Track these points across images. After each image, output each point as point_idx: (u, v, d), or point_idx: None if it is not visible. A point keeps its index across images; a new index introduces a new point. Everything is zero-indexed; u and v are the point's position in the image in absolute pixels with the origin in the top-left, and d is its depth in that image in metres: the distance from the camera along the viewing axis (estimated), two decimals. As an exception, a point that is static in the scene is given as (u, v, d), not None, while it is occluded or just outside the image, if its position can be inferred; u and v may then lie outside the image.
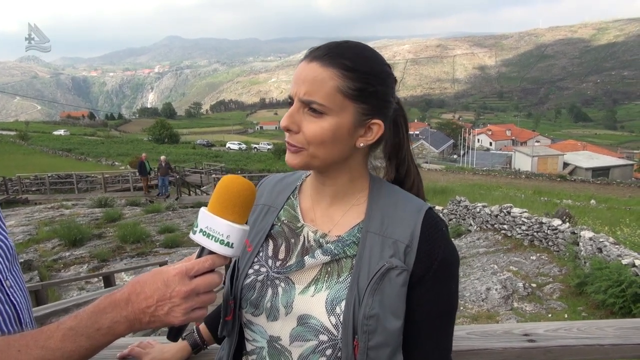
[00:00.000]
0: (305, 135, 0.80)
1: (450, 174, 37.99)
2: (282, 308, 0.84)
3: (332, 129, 0.79)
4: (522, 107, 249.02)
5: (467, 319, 6.04)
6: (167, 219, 12.98)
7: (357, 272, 0.80)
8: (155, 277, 0.71)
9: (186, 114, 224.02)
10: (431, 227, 0.82)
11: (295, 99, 0.81)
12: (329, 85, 0.78)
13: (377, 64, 0.83)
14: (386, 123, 0.85)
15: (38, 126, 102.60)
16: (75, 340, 0.67)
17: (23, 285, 0.90)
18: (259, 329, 0.88)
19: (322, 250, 0.84)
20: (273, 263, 0.89)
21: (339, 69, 0.79)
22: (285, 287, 0.85)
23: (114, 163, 35.73)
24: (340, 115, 0.79)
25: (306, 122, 0.80)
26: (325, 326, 0.80)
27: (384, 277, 0.78)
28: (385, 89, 0.83)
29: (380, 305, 0.77)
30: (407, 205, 0.85)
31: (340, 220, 0.87)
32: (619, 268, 5.92)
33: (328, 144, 0.80)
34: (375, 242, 0.82)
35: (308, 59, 0.81)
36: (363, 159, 0.88)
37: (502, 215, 10.39)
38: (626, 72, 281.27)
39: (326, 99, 0.78)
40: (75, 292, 7.38)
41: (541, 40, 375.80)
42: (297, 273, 0.85)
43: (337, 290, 0.81)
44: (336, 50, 0.81)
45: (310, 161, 0.83)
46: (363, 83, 0.79)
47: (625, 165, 48.92)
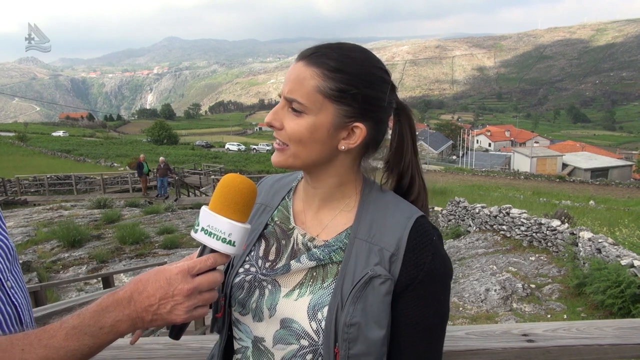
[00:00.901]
0: (287, 132, 0.80)
1: (449, 175, 38.00)
2: (266, 310, 0.84)
3: (310, 128, 0.79)
4: (521, 108, 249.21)
5: (466, 320, 6.04)
6: (166, 220, 12.96)
7: (342, 278, 0.79)
8: (157, 276, 0.71)
9: (185, 115, 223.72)
10: (420, 236, 0.80)
11: (282, 97, 0.82)
12: (309, 85, 0.78)
13: (365, 66, 0.80)
14: (374, 128, 0.83)
15: (37, 127, 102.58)
16: (78, 338, 0.67)
17: (24, 285, 0.90)
18: (245, 328, 0.88)
19: (308, 255, 0.84)
20: (262, 264, 0.89)
21: (321, 69, 0.78)
22: (271, 289, 0.85)
23: (113, 164, 35.65)
24: (319, 115, 0.79)
25: (288, 119, 0.81)
26: (306, 331, 0.79)
27: (367, 285, 0.76)
28: (372, 92, 0.80)
29: (363, 313, 0.75)
30: (397, 212, 0.83)
31: (329, 225, 0.87)
32: (618, 269, 5.92)
33: (307, 143, 0.80)
34: (362, 248, 0.80)
35: (298, 58, 0.82)
36: (352, 163, 0.86)
37: (501, 216, 10.39)
38: (625, 73, 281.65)
39: (305, 98, 0.78)
40: (74, 293, 7.37)
41: (540, 41, 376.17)
42: (284, 276, 0.85)
43: (320, 296, 0.80)
44: (323, 51, 0.80)
45: (292, 161, 0.82)
46: (345, 84, 0.78)
47: (624, 166, 48.97)
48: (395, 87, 0.85)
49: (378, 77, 0.82)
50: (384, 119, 0.85)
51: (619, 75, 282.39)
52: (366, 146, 0.85)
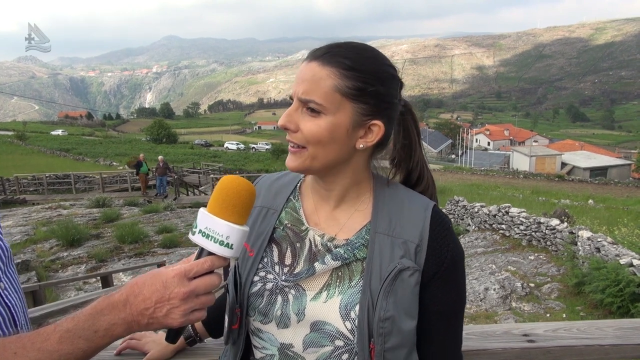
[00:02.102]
0: (304, 133, 0.79)
1: (449, 174, 38.00)
2: (293, 315, 0.83)
3: (330, 128, 0.78)
4: (520, 107, 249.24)
5: (466, 319, 6.02)
6: (165, 219, 12.94)
7: (369, 275, 0.79)
8: (153, 279, 0.70)
9: (184, 114, 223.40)
10: (439, 225, 0.83)
11: (294, 98, 0.81)
12: (327, 84, 0.77)
13: (379, 64, 0.81)
14: (389, 125, 0.83)
15: (36, 126, 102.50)
16: (72, 342, 0.66)
17: (18, 286, 0.89)
18: (268, 336, 0.86)
19: (331, 255, 0.83)
20: (280, 269, 0.87)
21: (337, 68, 0.78)
22: (295, 294, 0.84)
23: (112, 163, 35.60)
24: (337, 115, 0.78)
25: (304, 121, 0.79)
26: (341, 331, 0.79)
27: (397, 278, 0.77)
28: (386, 90, 0.81)
29: (395, 306, 0.77)
30: (413, 203, 0.85)
31: (347, 223, 0.86)
32: (617, 268, 5.92)
33: (326, 144, 0.79)
34: (385, 243, 0.81)
35: (309, 59, 0.81)
36: (366, 161, 0.87)
37: (500, 215, 10.39)
38: (624, 72, 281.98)
39: (323, 98, 0.77)
40: (73, 293, 7.35)
41: (539, 40, 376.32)
42: (308, 280, 0.84)
43: (350, 295, 0.80)
44: (336, 50, 0.80)
45: (311, 164, 0.81)
46: (362, 82, 0.78)
47: (623, 165, 49.03)
48: (403, 84, 0.86)
49: (390, 75, 0.83)
50: (394, 116, 0.85)
51: (618, 75, 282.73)
52: (380, 144, 0.85)
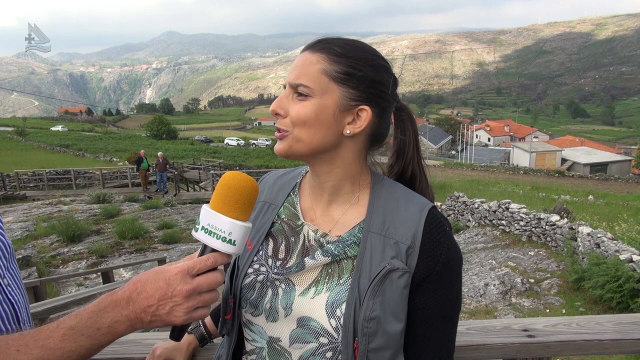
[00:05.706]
0: (291, 116, 0.80)
1: (449, 170, 37.99)
2: (281, 309, 0.83)
3: (316, 110, 0.79)
4: (521, 103, 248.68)
5: (465, 315, 6.06)
6: (165, 215, 12.95)
7: (358, 273, 0.79)
8: (156, 276, 0.70)
9: (184, 110, 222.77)
10: (434, 228, 0.80)
11: (286, 85, 0.83)
12: (315, 68, 0.79)
13: (368, 53, 0.83)
14: (380, 115, 0.83)
15: (36, 122, 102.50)
16: (75, 339, 0.66)
17: (20, 283, 0.89)
18: (258, 329, 0.86)
19: (322, 251, 0.82)
20: (273, 263, 0.87)
21: (327, 54, 0.80)
22: (285, 289, 0.84)
23: (112, 159, 35.59)
24: (324, 97, 0.79)
25: (292, 105, 0.81)
26: (326, 329, 0.79)
27: (385, 278, 0.76)
28: (375, 76, 0.81)
29: (382, 307, 0.75)
30: (410, 204, 0.83)
31: (341, 219, 0.86)
32: (617, 263, 5.93)
33: (311, 126, 0.79)
34: (377, 242, 0.80)
35: (302, 50, 0.84)
36: (358, 153, 0.85)
37: (500, 211, 10.40)
38: (624, 68, 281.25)
39: (311, 81, 0.79)
40: (74, 288, 7.37)
41: (540, 35, 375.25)
42: (298, 274, 0.84)
43: (338, 293, 0.79)
44: (327, 40, 0.82)
45: (294, 145, 0.81)
46: (351, 68, 0.80)
47: (623, 160, 49.01)
48: (398, 82, 0.86)
49: (379, 64, 0.83)
50: (387, 109, 0.85)
51: (618, 70, 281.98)
52: (371, 137, 0.85)
